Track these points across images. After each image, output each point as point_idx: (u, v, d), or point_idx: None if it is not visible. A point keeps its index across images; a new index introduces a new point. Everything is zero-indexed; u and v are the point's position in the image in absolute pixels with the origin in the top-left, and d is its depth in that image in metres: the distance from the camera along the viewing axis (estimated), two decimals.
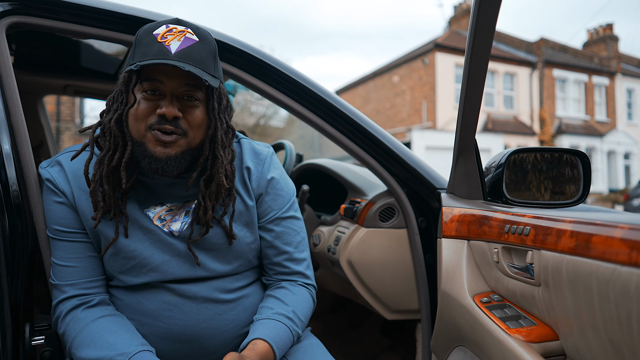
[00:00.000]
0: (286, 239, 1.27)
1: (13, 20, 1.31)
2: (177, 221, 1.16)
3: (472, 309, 1.14)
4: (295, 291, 1.25)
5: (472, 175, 1.36)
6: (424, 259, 1.70)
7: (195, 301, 1.15)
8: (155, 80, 1.05)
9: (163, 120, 1.05)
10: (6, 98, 1.24)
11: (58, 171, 1.16)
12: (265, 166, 1.26)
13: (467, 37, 1.13)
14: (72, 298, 1.12)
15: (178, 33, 1.05)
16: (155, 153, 1.06)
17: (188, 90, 1.07)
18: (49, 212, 1.16)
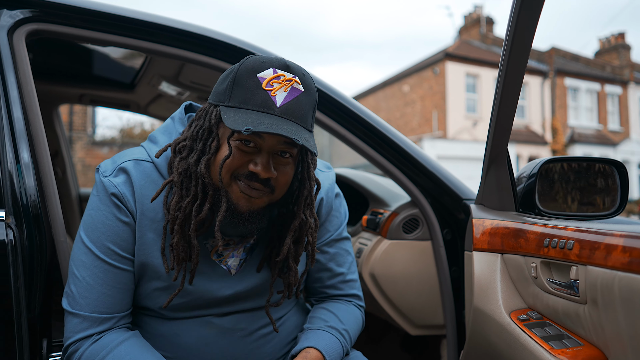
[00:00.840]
0: (340, 260, 1.25)
1: (33, 27, 1.29)
2: (235, 257, 1.09)
3: (510, 326, 1.08)
4: (350, 310, 1.23)
5: (503, 186, 1.31)
6: (449, 272, 1.65)
7: (234, 335, 1.09)
8: (254, 135, 0.95)
9: (254, 177, 0.97)
10: (26, 107, 1.21)
11: (125, 184, 1.04)
12: (333, 192, 1.24)
13: (504, 44, 1.09)
14: (93, 336, 1.01)
15: (285, 82, 0.95)
16: (238, 206, 0.98)
17: (285, 148, 0.98)
18: (104, 224, 1.02)
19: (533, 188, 1.31)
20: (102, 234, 1.02)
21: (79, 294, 1.01)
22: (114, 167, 1.06)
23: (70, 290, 1.03)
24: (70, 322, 1.02)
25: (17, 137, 1.16)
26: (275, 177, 0.98)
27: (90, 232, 1.03)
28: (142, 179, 1.05)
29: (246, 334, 1.10)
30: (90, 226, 1.03)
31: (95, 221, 1.03)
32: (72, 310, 1.01)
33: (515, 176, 1.38)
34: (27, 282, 1.07)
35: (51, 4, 1.29)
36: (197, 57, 1.43)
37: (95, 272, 1.01)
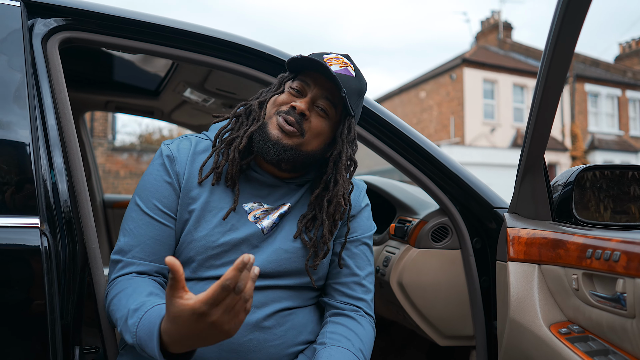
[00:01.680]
0: (360, 263, 1.28)
1: (66, 35, 1.30)
2: (269, 219, 1.18)
3: (550, 340, 1.05)
4: (364, 324, 1.23)
5: (539, 195, 1.27)
6: (479, 282, 1.61)
7: (253, 309, 1.12)
8: (304, 82, 1.14)
9: (291, 112, 1.12)
10: (59, 114, 1.22)
11: (180, 150, 1.19)
12: (362, 196, 1.33)
13: (545, 50, 1.06)
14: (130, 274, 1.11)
15: (342, 63, 1.15)
16: (270, 133, 1.12)
17: (325, 103, 1.14)
18: (153, 186, 1.16)
19: (569, 197, 1.28)
20: (149, 192, 1.16)
21: (125, 243, 1.14)
22: (176, 139, 1.23)
23: (119, 241, 1.15)
24: (114, 266, 1.14)
25: (51, 144, 1.16)
26: (309, 120, 1.13)
27: (140, 192, 1.17)
28: (201, 148, 1.21)
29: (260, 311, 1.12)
30: (141, 187, 1.18)
31: (146, 182, 1.17)
32: (115, 257, 1.14)
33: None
34: (60, 289, 1.07)
35: (84, 12, 1.30)
36: (227, 65, 1.43)
37: (139, 224, 1.14)
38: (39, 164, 1.10)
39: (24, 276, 1.03)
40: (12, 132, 1.09)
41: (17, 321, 1.02)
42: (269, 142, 1.12)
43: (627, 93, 22.09)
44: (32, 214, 1.06)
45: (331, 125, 1.17)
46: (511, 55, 21.93)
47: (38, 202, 1.07)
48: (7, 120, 1.09)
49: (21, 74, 1.14)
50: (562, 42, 1.01)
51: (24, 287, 1.03)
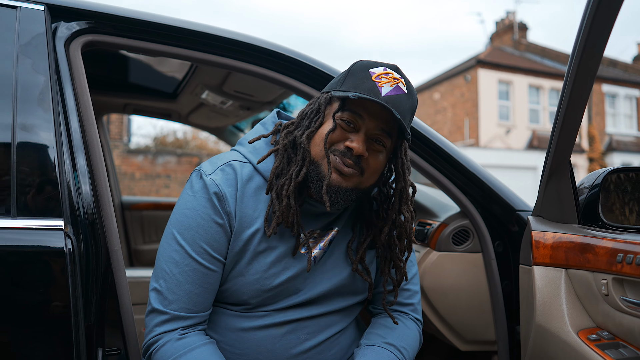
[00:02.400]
0: None
1: (88, 38, 1.31)
2: (320, 248, 1.13)
3: (579, 346, 1.03)
4: (408, 325, 1.21)
5: (565, 198, 1.25)
6: (501, 286, 1.59)
7: (299, 338, 1.11)
8: (356, 114, 1.02)
9: (348, 153, 1.03)
10: (82, 116, 1.22)
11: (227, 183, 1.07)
12: None
13: (573, 50, 1.04)
14: (175, 331, 1.04)
15: (393, 79, 1.03)
16: (330, 179, 1.03)
17: (380, 135, 1.04)
18: (200, 225, 1.05)
19: (596, 200, 1.25)
20: (196, 234, 1.05)
21: (168, 290, 1.04)
22: (215, 167, 1.09)
23: (159, 286, 1.06)
24: (156, 317, 1.05)
25: (74, 146, 1.17)
26: (367, 160, 1.04)
27: (183, 230, 1.05)
28: (246, 177, 1.09)
29: (312, 339, 1.12)
30: (184, 225, 1.05)
31: (190, 220, 1.05)
32: (159, 308, 1.05)
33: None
34: (83, 291, 1.07)
35: (106, 16, 1.31)
36: (246, 67, 1.43)
37: (185, 270, 1.04)
38: (62, 166, 1.11)
39: (49, 277, 1.03)
40: (37, 134, 1.10)
41: (42, 322, 1.03)
42: (331, 189, 1.03)
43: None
44: (56, 216, 1.06)
45: (387, 155, 1.09)
46: (526, 56, 21.71)
47: (62, 204, 1.07)
48: (32, 123, 1.10)
49: (45, 77, 1.15)
50: (592, 43, 0.99)
51: (49, 288, 1.03)
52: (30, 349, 1.02)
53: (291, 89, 1.48)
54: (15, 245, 1.03)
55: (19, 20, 1.19)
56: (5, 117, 1.09)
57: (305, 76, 1.46)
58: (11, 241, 1.03)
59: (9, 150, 1.07)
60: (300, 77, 1.46)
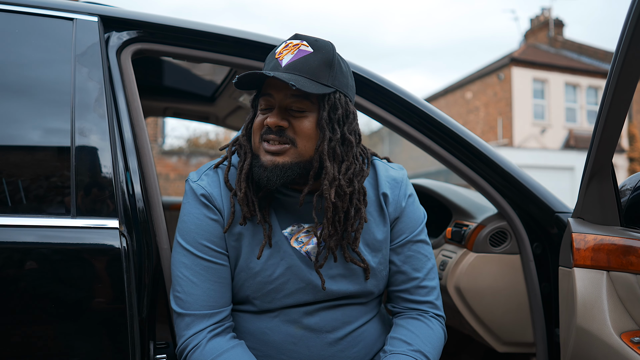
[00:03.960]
0: (416, 264, 1.22)
1: (138, 47, 1.37)
2: (314, 243, 1.14)
3: (622, 349, 1.02)
4: (431, 325, 1.19)
5: (607, 199, 1.24)
6: (539, 288, 1.58)
7: (320, 336, 1.12)
8: (266, 95, 1.08)
9: (269, 131, 1.07)
10: (133, 121, 1.29)
11: (211, 185, 1.14)
12: (402, 190, 1.23)
13: (618, 46, 1.03)
14: (204, 331, 1.08)
15: (293, 47, 1.07)
16: (264, 162, 1.07)
17: (295, 102, 1.06)
18: (196, 225, 1.11)
19: (639, 202, 1.24)
20: (196, 234, 1.11)
21: (185, 293, 1.10)
22: (200, 173, 1.17)
23: (177, 292, 1.11)
24: (182, 321, 1.10)
25: (127, 149, 1.24)
26: (292, 128, 1.06)
27: (185, 235, 1.12)
28: (229, 177, 1.16)
29: (332, 335, 1.13)
30: (184, 230, 1.13)
31: (189, 224, 1.12)
32: (182, 311, 1.10)
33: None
34: (137, 287, 1.14)
35: (154, 25, 1.38)
36: None
37: (196, 270, 1.10)
38: (117, 168, 1.17)
39: (106, 274, 1.10)
40: (94, 139, 1.17)
41: (100, 316, 1.09)
42: (265, 170, 1.06)
43: None
44: (112, 215, 1.13)
45: (317, 117, 1.08)
46: (563, 53, 21.14)
47: (117, 204, 1.14)
48: (89, 127, 1.17)
49: (100, 85, 1.22)
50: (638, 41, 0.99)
51: (106, 284, 1.10)
52: (89, 341, 1.08)
53: None
54: (75, 243, 1.10)
55: (75, 31, 1.26)
56: (65, 122, 1.16)
57: None
58: (71, 239, 1.10)
59: (68, 154, 1.14)
60: None
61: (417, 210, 1.26)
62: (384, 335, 1.23)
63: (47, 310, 1.06)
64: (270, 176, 1.06)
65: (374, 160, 1.25)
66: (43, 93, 1.19)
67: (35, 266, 1.07)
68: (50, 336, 1.07)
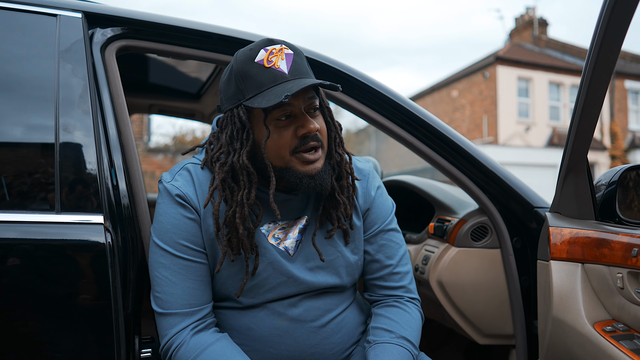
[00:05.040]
0: (389, 252, 1.26)
1: (122, 44, 1.38)
2: (291, 239, 1.16)
3: (595, 338, 1.06)
4: (408, 310, 1.23)
5: (582, 194, 1.28)
6: (519, 282, 1.62)
7: (304, 326, 1.15)
8: (285, 106, 1.04)
9: (307, 140, 1.06)
10: (117, 117, 1.30)
11: (186, 185, 1.13)
12: (370, 181, 1.27)
13: (590, 47, 1.07)
14: (186, 328, 1.09)
15: (278, 52, 1.06)
16: (307, 172, 1.07)
17: (311, 103, 1.08)
18: (172, 224, 1.10)
19: (613, 196, 1.27)
20: (173, 234, 1.10)
21: (165, 293, 1.09)
22: (173, 173, 1.16)
23: (157, 292, 1.11)
24: (164, 320, 1.10)
25: (112, 146, 1.24)
26: (319, 129, 1.08)
27: (162, 235, 1.11)
28: (201, 176, 1.15)
29: (315, 324, 1.16)
30: (160, 230, 1.12)
31: (165, 224, 1.11)
32: (162, 311, 1.10)
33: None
34: (122, 282, 1.14)
35: (138, 22, 1.38)
36: None
37: (175, 269, 1.10)
38: (101, 164, 1.18)
39: (90, 269, 1.10)
40: (78, 135, 1.17)
41: (85, 311, 1.10)
42: (315, 179, 1.07)
43: None
44: (96, 211, 1.13)
45: (321, 113, 1.13)
46: (547, 52, 21.40)
47: (102, 200, 1.15)
48: (73, 124, 1.17)
49: (84, 81, 1.23)
50: (609, 40, 1.02)
51: (90, 279, 1.10)
52: (74, 337, 1.09)
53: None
54: (59, 239, 1.10)
55: (59, 27, 1.26)
56: (49, 119, 1.16)
57: (324, 76, 1.51)
58: (56, 235, 1.10)
59: (52, 150, 1.14)
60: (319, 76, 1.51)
61: (387, 200, 1.30)
62: (363, 320, 1.27)
63: (31, 306, 1.06)
64: (321, 182, 1.08)
65: None
66: (27, 89, 1.19)
67: (19, 262, 1.07)
68: (36, 332, 1.07)
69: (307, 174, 1.06)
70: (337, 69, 1.51)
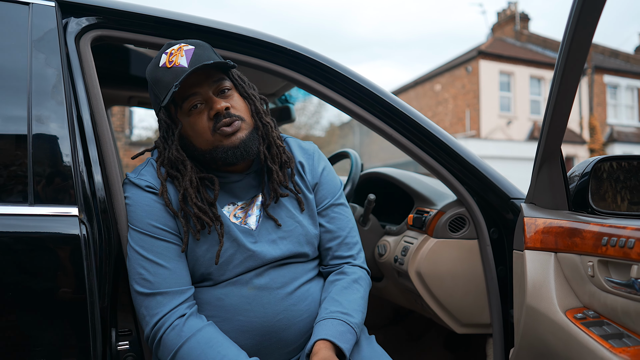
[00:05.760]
0: (339, 224, 1.35)
1: (97, 33, 1.36)
2: (252, 215, 1.24)
3: (566, 325, 1.09)
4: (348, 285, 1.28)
5: (556, 185, 1.30)
6: (496, 272, 1.64)
7: (271, 293, 1.19)
8: (191, 96, 1.16)
9: (220, 117, 1.16)
10: (93, 108, 1.28)
11: (152, 178, 1.22)
12: (315, 159, 1.37)
13: (562, 41, 1.09)
14: (178, 308, 1.13)
15: (177, 51, 1.16)
16: (232, 143, 1.16)
17: (219, 85, 1.18)
18: (145, 210, 1.17)
19: (586, 187, 1.30)
20: (148, 219, 1.17)
21: (151, 274, 1.13)
22: (138, 171, 1.25)
23: (141, 275, 1.14)
24: (153, 300, 1.12)
25: (87, 137, 1.22)
26: (232, 106, 1.18)
27: (138, 222, 1.17)
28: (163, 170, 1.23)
29: (282, 291, 1.21)
30: (135, 218, 1.18)
31: (139, 212, 1.17)
32: (149, 291, 1.13)
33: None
34: (97, 275, 1.13)
35: (113, 11, 1.36)
36: (250, 60, 1.47)
37: (157, 251, 1.15)
38: (76, 156, 1.16)
39: (65, 262, 1.09)
40: (52, 126, 1.15)
41: (60, 304, 1.09)
42: (239, 148, 1.16)
43: None
44: (70, 203, 1.12)
45: (237, 91, 1.23)
46: (528, 47, 21.65)
47: (76, 192, 1.13)
48: (47, 115, 1.15)
49: (57, 71, 1.21)
50: (580, 32, 1.04)
51: (65, 272, 1.09)
52: (50, 330, 1.07)
53: (293, 81, 1.53)
54: (32, 231, 1.09)
55: (32, 16, 1.23)
56: (21, 109, 1.14)
57: (306, 69, 1.51)
58: (28, 228, 1.09)
59: (25, 141, 1.12)
60: (301, 69, 1.51)
61: (335, 177, 1.41)
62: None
63: (4, 300, 1.05)
64: (247, 148, 1.17)
65: (283, 136, 1.38)
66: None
67: None
68: (10, 326, 1.06)
69: (231, 145, 1.16)
70: (316, 60, 1.51)
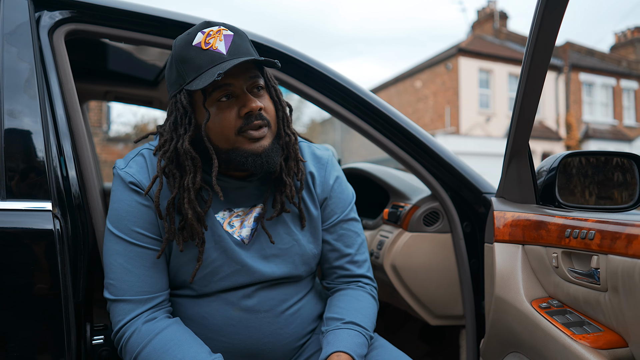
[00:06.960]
0: (348, 241, 1.26)
1: (71, 27, 1.35)
2: (246, 227, 1.16)
3: (531, 314, 1.13)
4: (359, 295, 1.24)
5: (524, 180, 1.34)
6: (468, 265, 1.69)
7: (258, 316, 1.14)
8: (225, 86, 1.04)
9: (251, 118, 1.05)
10: (67, 103, 1.27)
11: (140, 172, 1.12)
12: (328, 170, 1.26)
13: (528, 39, 1.12)
14: (140, 316, 1.08)
15: (216, 34, 1.05)
16: (254, 150, 1.06)
17: (254, 82, 1.07)
18: (125, 210, 1.10)
19: (553, 182, 1.34)
20: (128, 221, 1.10)
21: (119, 280, 1.09)
22: (128, 160, 1.15)
23: (110, 280, 1.10)
24: (117, 307, 1.09)
25: (60, 132, 1.22)
26: (264, 108, 1.08)
27: (116, 222, 1.11)
28: (155, 163, 1.14)
29: (270, 314, 1.15)
30: (115, 217, 1.11)
31: (120, 211, 1.11)
32: (115, 297, 1.09)
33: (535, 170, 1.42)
34: (71, 270, 1.13)
35: (87, 5, 1.35)
36: None
37: (130, 256, 1.09)
38: (49, 151, 1.16)
39: (38, 257, 1.09)
40: (24, 121, 1.14)
41: (33, 299, 1.08)
42: (261, 157, 1.06)
43: (621, 82, 22.19)
44: (44, 198, 1.11)
45: (268, 92, 1.13)
46: (507, 45, 21.94)
47: (50, 187, 1.13)
48: (19, 109, 1.14)
49: (30, 65, 1.20)
50: (544, 32, 1.08)
51: (39, 267, 1.09)
52: (22, 326, 1.07)
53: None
54: (5, 226, 1.07)
55: (3, 9, 1.22)
56: None
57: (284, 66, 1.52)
58: (1, 223, 1.07)
59: None
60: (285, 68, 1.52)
61: (346, 189, 1.30)
62: (321, 309, 1.27)
63: None
64: (269, 160, 1.07)
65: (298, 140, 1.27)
66: None
67: None
68: None
69: (253, 152, 1.06)
70: (294, 57, 1.52)
